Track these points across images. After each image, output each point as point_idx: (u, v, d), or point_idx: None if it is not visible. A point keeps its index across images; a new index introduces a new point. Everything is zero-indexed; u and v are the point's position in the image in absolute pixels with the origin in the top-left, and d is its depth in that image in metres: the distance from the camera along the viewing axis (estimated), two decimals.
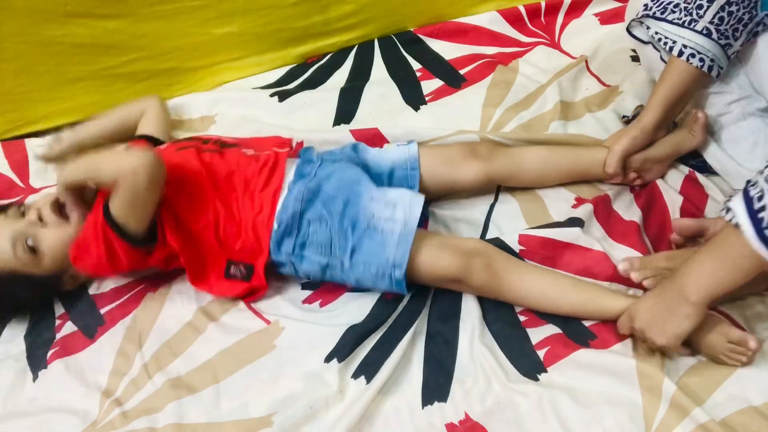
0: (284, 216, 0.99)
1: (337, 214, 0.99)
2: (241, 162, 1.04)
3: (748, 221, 0.74)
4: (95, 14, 1.25)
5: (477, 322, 0.97)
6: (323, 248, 0.99)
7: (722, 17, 1.00)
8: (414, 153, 1.09)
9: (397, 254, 0.96)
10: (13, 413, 0.94)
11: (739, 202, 0.75)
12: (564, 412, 0.87)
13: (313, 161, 1.07)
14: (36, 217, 1.00)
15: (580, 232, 1.04)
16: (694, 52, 1.02)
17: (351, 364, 0.94)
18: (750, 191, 0.76)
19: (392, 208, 0.98)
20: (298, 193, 1.00)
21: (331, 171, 1.04)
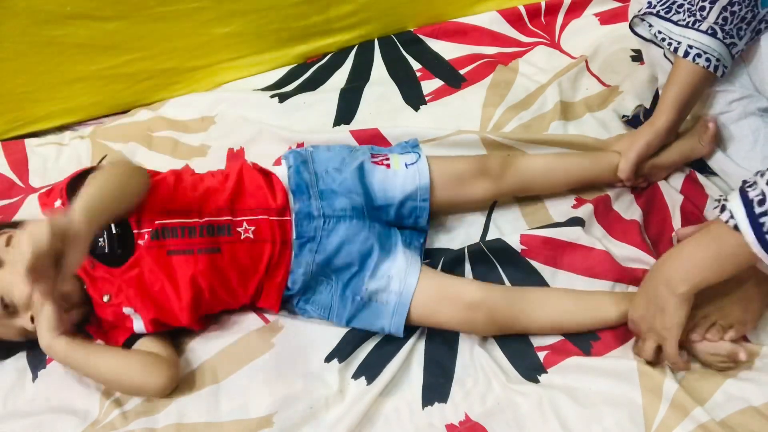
0: (294, 286, 0.97)
1: (342, 282, 0.97)
2: (252, 254, 0.95)
3: (748, 225, 0.73)
4: (95, 15, 1.25)
5: None
6: (323, 310, 0.98)
7: (726, 17, 1.00)
8: (425, 183, 1.02)
9: (392, 325, 0.95)
10: (13, 413, 0.94)
11: (737, 205, 0.75)
12: (564, 413, 0.87)
13: (312, 216, 0.98)
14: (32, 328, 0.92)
15: (581, 231, 1.04)
16: (700, 52, 1.02)
17: (351, 365, 0.94)
18: (748, 193, 0.75)
19: (387, 282, 0.96)
20: (307, 266, 0.96)
21: (339, 240, 0.96)
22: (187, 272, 0.92)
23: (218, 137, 1.30)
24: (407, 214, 1.04)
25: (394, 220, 1.03)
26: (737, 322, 0.89)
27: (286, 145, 1.23)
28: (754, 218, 0.73)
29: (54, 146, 1.33)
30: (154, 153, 1.28)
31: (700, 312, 0.89)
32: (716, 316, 0.89)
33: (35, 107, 1.35)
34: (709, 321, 0.89)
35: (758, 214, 0.72)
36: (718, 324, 0.88)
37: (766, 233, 0.72)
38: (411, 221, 1.04)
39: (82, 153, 1.30)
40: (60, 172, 1.27)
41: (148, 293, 0.92)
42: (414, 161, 1.04)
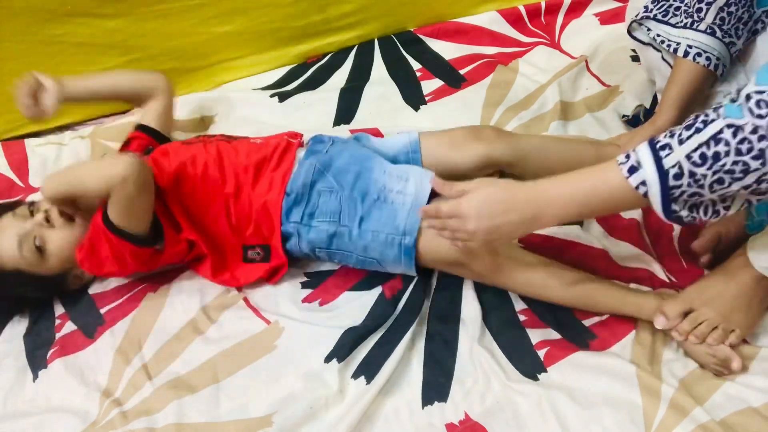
0: (295, 185, 1.00)
1: (348, 185, 1.00)
2: (251, 148, 1.05)
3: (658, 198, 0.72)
4: (95, 14, 1.25)
5: (477, 324, 0.97)
6: (331, 216, 0.99)
7: (723, 17, 1.00)
8: (415, 138, 1.08)
9: (408, 223, 0.96)
10: (13, 413, 0.94)
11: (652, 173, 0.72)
12: (564, 412, 0.87)
13: (324, 141, 1.07)
14: (43, 218, 1.00)
15: (579, 230, 1.04)
16: (700, 51, 1.02)
17: (351, 364, 0.94)
18: (663, 161, 0.72)
19: (404, 181, 0.99)
20: (310, 165, 1.01)
21: (343, 148, 1.05)
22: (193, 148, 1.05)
23: None
24: None
25: None
26: (738, 326, 0.89)
27: None
28: (665, 190, 0.72)
29: (54, 146, 1.33)
30: None
31: (703, 316, 0.89)
32: (718, 320, 0.89)
33: None
34: (712, 325, 0.89)
35: (671, 187, 0.71)
36: (720, 327, 0.89)
37: (671, 203, 0.73)
38: None
39: (82, 153, 1.30)
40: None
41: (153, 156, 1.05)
42: (406, 132, 1.11)
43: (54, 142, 1.34)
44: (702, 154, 0.69)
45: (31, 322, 1.06)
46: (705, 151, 0.69)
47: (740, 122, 0.68)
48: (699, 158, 0.70)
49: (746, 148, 0.67)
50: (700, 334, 0.89)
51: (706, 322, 0.89)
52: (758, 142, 0.67)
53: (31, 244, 0.99)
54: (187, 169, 1.02)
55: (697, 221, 0.75)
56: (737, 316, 0.89)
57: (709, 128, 0.70)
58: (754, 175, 0.68)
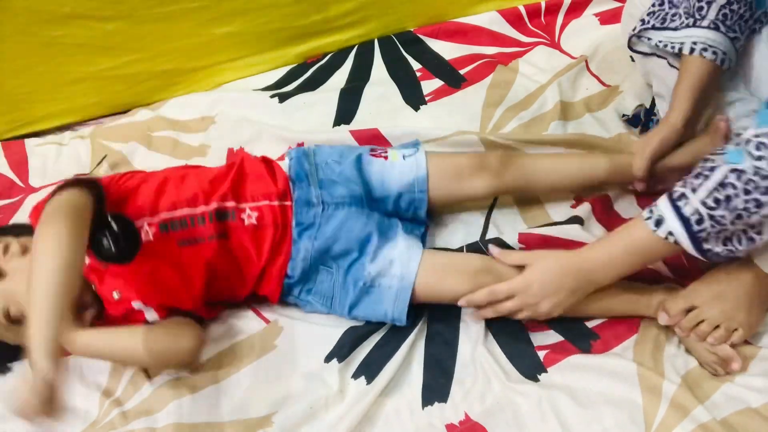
0: (294, 273, 0.97)
1: (343, 269, 0.97)
2: (256, 239, 0.97)
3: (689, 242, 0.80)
4: (95, 15, 1.25)
5: (479, 325, 0.97)
6: (325, 300, 0.98)
7: (725, 14, 1.00)
8: (422, 174, 1.03)
9: (395, 311, 0.95)
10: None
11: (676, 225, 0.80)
12: (564, 412, 0.87)
13: (312, 203, 0.99)
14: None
15: (580, 229, 1.04)
16: (706, 46, 1.01)
17: (351, 365, 0.94)
18: (682, 210, 0.79)
19: (389, 266, 0.96)
20: (306, 252, 0.97)
21: (337, 226, 0.98)
22: (201, 260, 0.94)
23: (218, 137, 1.30)
24: (405, 207, 1.04)
25: (393, 212, 1.04)
26: (741, 325, 0.89)
27: (286, 145, 1.23)
28: (692, 234, 0.80)
29: (54, 146, 1.33)
30: (153, 153, 1.28)
31: (704, 314, 0.89)
32: (720, 318, 0.89)
33: (35, 107, 1.35)
34: (713, 324, 0.89)
35: (697, 231, 0.79)
36: (722, 327, 0.89)
37: (702, 243, 0.80)
38: (410, 213, 1.04)
39: (82, 153, 1.30)
40: (60, 172, 1.27)
41: (159, 284, 0.92)
42: (412, 154, 1.05)
43: (54, 142, 1.34)
44: (715, 199, 0.77)
45: None
46: (717, 196, 0.77)
47: (741, 166, 0.75)
48: (713, 203, 0.77)
49: (753, 187, 0.75)
50: (701, 333, 0.90)
51: (707, 320, 0.89)
52: (762, 180, 0.74)
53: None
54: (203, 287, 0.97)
55: (735, 253, 0.81)
56: (740, 315, 0.89)
57: (715, 175, 0.77)
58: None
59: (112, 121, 1.37)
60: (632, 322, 0.96)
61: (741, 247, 0.80)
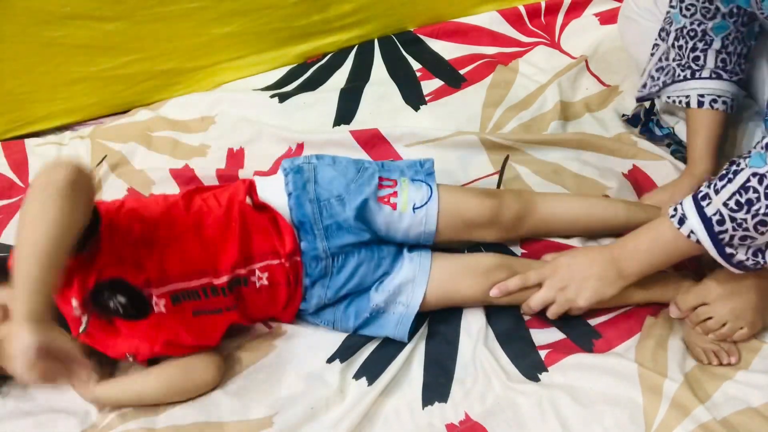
0: (308, 311, 0.98)
1: (343, 306, 0.97)
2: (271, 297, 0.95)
3: (710, 243, 0.81)
4: (95, 16, 1.25)
5: (480, 325, 0.97)
6: (328, 324, 0.99)
7: (724, 59, 1.00)
8: (431, 230, 0.97)
9: (397, 333, 0.96)
10: (13, 412, 0.94)
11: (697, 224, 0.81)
12: (564, 412, 0.87)
13: (320, 258, 0.95)
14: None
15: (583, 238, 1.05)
16: (715, 98, 1.01)
17: (352, 365, 0.94)
18: (705, 209, 0.80)
19: (396, 295, 0.95)
20: (319, 299, 0.96)
21: (348, 275, 0.95)
22: (219, 326, 0.94)
23: (218, 137, 1.29)
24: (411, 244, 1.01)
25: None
26: (748, 324, 0.90)
27: (286, 145, 1.23)
28: (713, 235, 0.80)
29: (54, 146, 1.33)
30: (153, 153, 1.28)
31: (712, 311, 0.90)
32: (727, 317, 0.90)
33: (35, 107, 1.35)
34: (720, 322, 0.90)
35: (718, 232, 0.79)
36: (728, 325, 0.90)
37: (725, 247, 0.81)
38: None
39: (82, 153, 1.30)
40: None
41: (176, 346, 0.91)
42: (423, 203, 0.97)
43: (54, 142, 1.34)
44: (737, 201, 0.77)
45: None
46: (739, 198, 0.77)
47: (762, 170, 0.75)
48: (735, 205, 0.77)
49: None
50: (706, 329, 0.91)
51: (715, 318, 0.90)
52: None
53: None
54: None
55: (763, 266, 0.81)
56: (749, 314, 0.90)
57: (738, 178, 0.77)
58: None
59: (112, 121, 1.37)
60: (635, 320, 0.96)
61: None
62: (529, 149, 1.19)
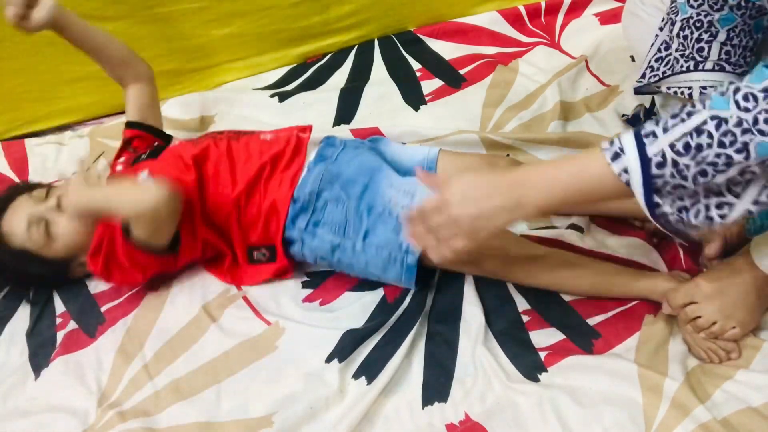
0: (301, 193, 1.00)
1: (355, 197, 0.99)
2: (263, 145, 1.05)
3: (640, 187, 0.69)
4: (95, 16, 1.25)
5: (479, 325, 0.97)
6: (337, 228, 0.99)
7: (728, 51, 0.99)
8: (433, 156, 1.09)
9: (410, 248, 0.96)
10: (13, 412, 0.94)
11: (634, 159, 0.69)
12: (564, 412, 0.87)
13: (335, 145, 1.07)
14: (55, 202, 1.01)
15: (580, 236, 1.04)
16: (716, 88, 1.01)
17: (352, 365, 0.94)
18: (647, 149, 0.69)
19: (411, 197, 0.97)
20: (318, 173, 1.01)
21: (353, 155, 1.05)
22: (203, 146, 1.05)
23: None
24: None
25: None
26: (739, 323, 0.90)
27: None
28: (648, 178, 0.69)
29: (54, 146, 1.33)
30: None
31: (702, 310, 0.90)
32: (717, 315, 0.90)
33: (35, 107, 1.35)
34: (710, 320, 0.90)
35: (654, 175, 0.69)
36: (719, 324, 0.89)
37: (654, 193, 0.70)
38: None
39: (82, 152, 1.30)
40: (60, 171, 1.27)
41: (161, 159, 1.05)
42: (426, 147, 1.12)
43: (54, 142, 1.35)
44: (686, 144, 0.67)
45: (32, 321, 1.06)
46: (689, 141, 0.67)
47: (725, 114, 0.65)
48: (682, 148, 0.67)
49: (729, 141, 0.65)
50: (695, 327, 0.91)
51: (704, 316, 0.90)
52: (742, 135, 0.65)
53: (40, 226, 1.00)
54: (200, 169, 1.02)
55: (684, 224, 0.72)
56: (739, 313, 0.90)
57: (693, 119, 0.67)
58: (737, 167, 0.66)
59: (111, 121, 1.37)
60: (634, 319, 0.96)
61: (694, 220, 0.71)
62: (529, 148, 1.19)
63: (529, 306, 1.00)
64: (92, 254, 1.00)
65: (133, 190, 0.94)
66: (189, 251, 1.03)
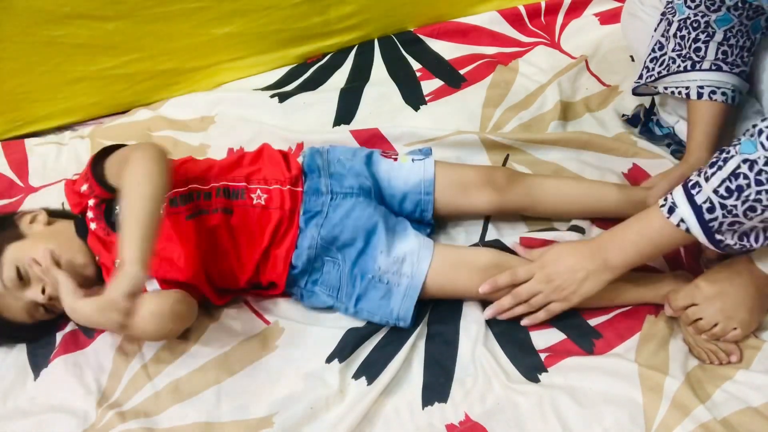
0: (299, 261, 0.98)
1: (350, 261, 0.98)
2: (262, 219, 0.99)
3: (700, 231, 0.81)
4: (95, 15, 1.25)
5: (480, 326, 0.97)
6: (331, 290, 0.99)
7: (725, 51, 0.99)
8: (429, 177, 1.05)
9: (401, 309, 0.96)
10: (13, 412, 0.94)
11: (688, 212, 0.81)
12: (564, 412, 0.87)
13: (321, 192, 1.01)
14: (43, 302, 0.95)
15: (581, 236, 1.04)
16: (714, 89, 1.01)
17: (352, 365, 0.94)
18: (695, 197, 0.80)
19: (400, 263, 0.96)
20: (312, 240, 0.98)
21: (344, 214, 0.99)
22: (203, 229, 0.97)
23: (218, 137, 1.29)
24: (412, 209, 1.05)
25: (399, 213, 1.05)
26: (740, 324, 0.90)
27: (286, 145, 1.22)
28: (704, 223, 0.80)
29: (54, 146, 1.33)
30: None
31: (702, 312, 0.90)
32: (718, 317, 0.90)
33: (35, 107, 1.35)
34: (711, 322, 0.90)
35: (708, 220, 0.80)
36: (720, 326, 0.90)
37: (715, 234, 0.81)
38: (416, 215, 1.06)
39: (82, 152, 1.30)
40: (60, 171, 1.27)
41: (165, 256, 0.93)
42: (421, 158, 1.07)
43: (54, 142, 1.34)
44: (727, 188, 0.77)
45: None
46: (729, 185, 0.77)
47: (753, 156, 0.74)
48: (725, 192, 0.77)
49: (765, 179, 0.74)
50: (697, 330, 0.91)
51: (705, 318, 0.90)
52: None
53: (42, 311, 0.97)
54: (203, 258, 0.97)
55: (749, 248, 0.82)
56: (740, 314, 0.90)
57: (728, 164, 0.77)
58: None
59: (112, 121, 1.37)
60: (635, 319, 0.96)
61: (756, 244, 0.80)
62: (529, 148, 1.19)
63: None
64: None
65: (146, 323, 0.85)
66: None
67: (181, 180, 0.99)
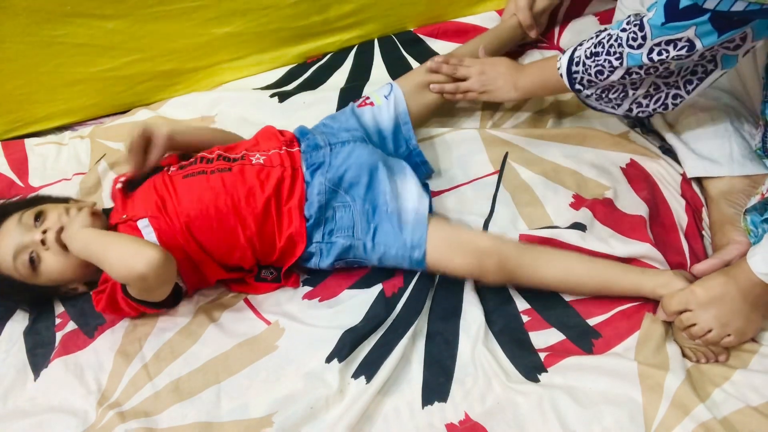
0: (311, 210, 1.01)
1: (360, 197, 1.02)
2: (260, 174, 1.02)
3: (566, 77, 1.03)
4: (95, 15, 1.25)
5: (479, 325, 0.97)
6: (347, 231, 1.02)
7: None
8: (403, 110, 1.16)
9: (414, 237, 0.99)
10: (13, 412, 0.95)
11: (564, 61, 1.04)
12: (564, 412, 0.87)
13: (319, 146, 1.07)
14: (40, 239, 0.98)
15: (581, 233, 1.04)
16: None
17: (351, 364, 0.94)
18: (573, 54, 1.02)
19: (404, 198, 1.03)
20: (320, 186, 1.02)
21: (345, 156, 1.05)
22: (198, 188, 1.01)
23: None
24: (400, 143, 1.15)
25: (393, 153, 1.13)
26: (735, 332, 0.90)
27: None
28: (570, 74, 1.03)
29: (54, 146, 1.33)
30: None
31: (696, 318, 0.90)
32: (712, 323, 0.90)
33: (35, 108, 1.35)
34: (705, 329, 0.90)
35: (573, 72, 1.02)
36: (714, 332, 0.90)
37: (575, 83, 1.03)
38: (404, 149, 1.14)
39: (82, 152, 1.30)
40: (59, 171, 1.28)
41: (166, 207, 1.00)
42: (389, 92, 1.18)
43: (53, 142, 1.35)
44: (592, 52, 0.98)
45: (31, 321, 1.06)
46: (593, 50, 0.98)
47: (614, 32, 0.94)
48: (589, 54, 0.99)
49: (613, 51, 0.94)
50: (690, 335, 0.91)
51: (699, 324, 0.90)
52: (617, 47, 0.93)
53: (25, 258, 0.98)
54: (200, 215, 1.00)
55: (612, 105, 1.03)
56: (735, 322, 0.90)
57: (602, 34, 0.97)
58: (620, 71, 0.95)
59: (112, 121, 1.37)
60: (634, 319, 0.96)
61: (621, 105, 1.02)
62: (528, 144, 1.19)
63: (529, 306, 1.00)
64: (96, 292, 0.99)
65: (127, 251, 0.91)
66: (199, 285, 1.05)
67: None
